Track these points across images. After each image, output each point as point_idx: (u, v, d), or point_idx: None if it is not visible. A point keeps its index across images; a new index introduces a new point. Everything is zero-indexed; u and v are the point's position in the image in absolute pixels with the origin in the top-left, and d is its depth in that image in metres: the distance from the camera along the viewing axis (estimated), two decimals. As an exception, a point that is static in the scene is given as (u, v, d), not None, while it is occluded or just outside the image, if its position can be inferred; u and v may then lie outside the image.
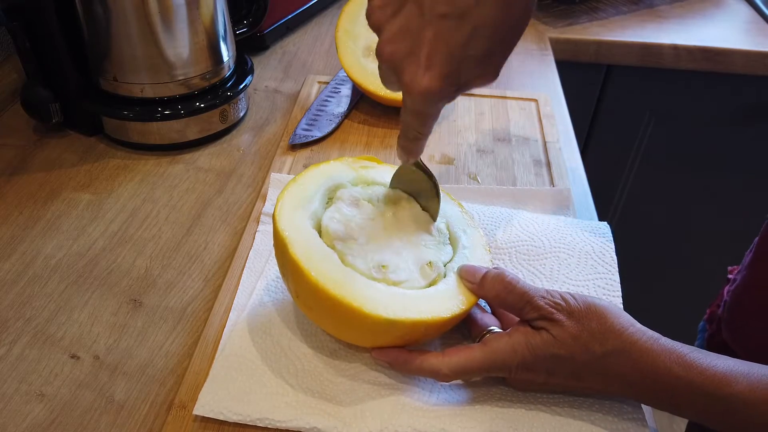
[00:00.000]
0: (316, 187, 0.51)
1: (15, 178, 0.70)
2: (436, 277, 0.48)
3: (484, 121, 0.81)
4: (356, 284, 0.45)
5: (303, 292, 0.46)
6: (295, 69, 0.92)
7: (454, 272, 0.49)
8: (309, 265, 0.44)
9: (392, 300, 0.45)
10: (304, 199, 0.50)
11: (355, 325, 0.45)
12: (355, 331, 0.47)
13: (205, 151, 0.75)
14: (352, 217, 0.50)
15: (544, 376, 0.45)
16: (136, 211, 0.66)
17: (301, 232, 0.47)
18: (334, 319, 0.46)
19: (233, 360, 0.49)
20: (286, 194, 0.50)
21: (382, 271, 0.47)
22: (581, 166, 0.74)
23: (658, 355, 0.42)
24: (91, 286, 0.58)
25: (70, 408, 0.48)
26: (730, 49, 1.04)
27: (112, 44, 0.69)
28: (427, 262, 0.49)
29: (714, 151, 1.19)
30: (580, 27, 1.08)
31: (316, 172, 0.53)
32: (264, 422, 0.45)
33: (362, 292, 0.44)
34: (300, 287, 0.46)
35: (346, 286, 0.44)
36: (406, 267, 0.48)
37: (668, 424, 1.53)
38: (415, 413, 0.46)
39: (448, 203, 0.55)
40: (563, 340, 0.43)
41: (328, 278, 0.44)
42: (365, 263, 0.47)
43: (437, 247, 0.51)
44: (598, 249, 0.57)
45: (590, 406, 0.47)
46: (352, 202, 0.51)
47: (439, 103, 0.45)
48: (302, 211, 0.49)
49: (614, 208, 1.29)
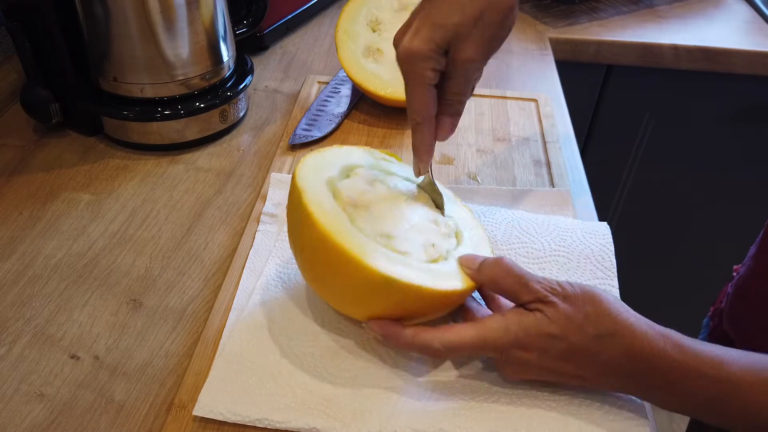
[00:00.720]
0: (336, 160, 0.53)
1: (15, 178, 0.70)
2: (437, 257, 0.49)
3: (484, 121, 0.81)
4: (361, 240, 0.46)
5: (309, 243, 0.47)
6: (295, 69, 0.92)
7: (455, 259, 0.49)
8: (319, 215, 0.46)
9: (392, 261, 0.45)
10: (323, 166, 0.51)
11: (353, 282, 0.45)
12: (352, 291, 0.47)
13: (205, 151, 0.75)
14: (367, 191, 0.51)
15: (536, 355, 0.44)
16: (135, 211, 0.66)
17: (316, 190, 0.48)
18: (333, 273, 0.46)
19: (233, 360, 0.49)
20: (307, 159, 0.51)
21: (387, 240, 0.48)
22: (581, 166, 0.74)
23: (653, 339, 0.42)
24: (91, 286, 0.58)
25: (70, 408, 0.48)
26: (730, 49, 1.04)
27: (112, 44, 0.69)
28: (431, 244, 0.49)
29: (714, 151, 1.19)
30: (580, 27, 1.08)
31: (338, 150, 0.55)
32: (263, 423, 0.45)
33: (366, 247, 0.45)
34: (306, 238, 0.47)
35: (351, 239, 0.45)
36: (411, 242, 0.49)
37: (668, 424, 1.53)
38: (414, 414, 0.46)
39: (458, 207, 0.56)
40: (557, 320, 0.43)
41: (336, 230, 0.45)
42: (372, 230, 0.48)
43: (442, 236, 0.52)
44: (598, 252, 0.57)
45: (590, 406, 0.47)
46: (368, 181, 0.53)
47: (420, 63, 0.50)
48: (321, 174, 0.50)
49: (614, 208, 1.29)
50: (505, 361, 0.46)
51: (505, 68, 0.94)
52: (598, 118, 1.16)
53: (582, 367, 0.44)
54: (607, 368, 0.44)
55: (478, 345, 0.45)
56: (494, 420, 0.46)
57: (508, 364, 0.46)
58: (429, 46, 0.49)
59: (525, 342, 0.44)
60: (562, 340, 0.43)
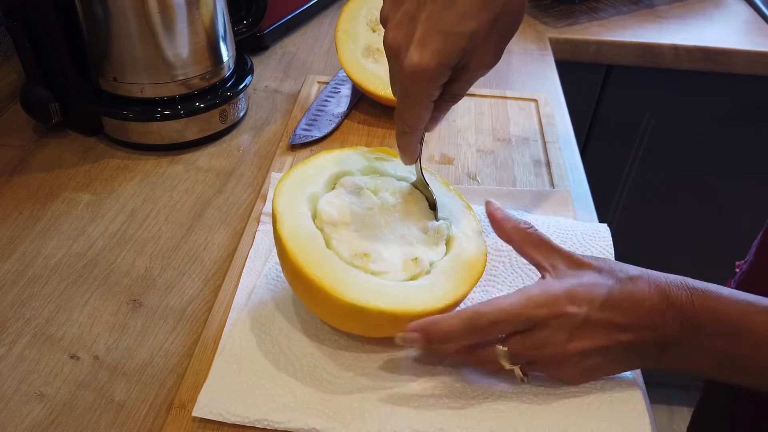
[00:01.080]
0: (322, 171, 0.53)
1: (15, 178, 0.70)
2: (418, 273, 0.48)
3: (483, 121, 0.81)
4: (333, 267, 0.46)
5: (287, 268, 0.48)
6: (295, 69, 0.92)
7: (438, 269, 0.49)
8: (291, 242, 0.46)
9: (364, 287, 0.45)
10: (305, 180, 0.51)
11: (328, 307, 0.46)
12: (329, 313, 0.48)
13: (204, 151, 0.75)
14: (350, 204, 0.51)
15: (586, 309, 0.43)
16: (135, 211, 0.66)
17: (293, 210, 0.48)
18: (309, 298, 0.48)
19: (232, 360, 0.49)
20: (291, 173, 0.51)
21: (363, 259, 0.48)
22: (581, 166, 0.74)
23: (673, 279, 0.45)
24: (91, 287, 0.58)
25: (69, 408, 0.48)
26: (730, 49, 1.04)
27: (112, 44, 0.69)
28: (412, 258, 0.49)
29: (714, 151, 1.19)
30: (580, 27, 1.08)
31: (327, 158, 0.54)
32: (263, 423, 0.45)
33: (337, 275, 0.45)
34: (284, 263, 0.48)
35: (322, 268, 0.45)
36: (390, 259, 0.48)
37: (668, 424, 1.53)
38: (414, 414, 0.46)
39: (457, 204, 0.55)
40: (590, 273, 0.45)
41: (307, 258, 0.46)
42: (349, 249, 0.48)
43: (429, 246, 0.51)
44: (598, 254, 0.57)
45: (590, 404, 0.47)
46: (353, 190, 0.52)
47: (428, 83, 0.45)
48: (301, 191, 0.50)
49: (614, 208, 1.29)
50: (559, 327, 0.43)
51: (505, 68, 0.94)
52: (598, 118, 1.16)
53: (625, 314, 0.43)
54: (645, 310, 0.43)
55: (523, 303, 0.43)
56: (494, 420, 0.46)
57: (564, 333, 0.43)
58: (441, 60, 0.43)
59: (572, 294, 0.43)
60: (603, 285, 0.44)
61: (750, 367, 0.43)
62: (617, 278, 0.44)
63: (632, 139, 1.19)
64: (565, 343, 0.43)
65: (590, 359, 0.44)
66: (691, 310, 0.42)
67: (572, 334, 0.43)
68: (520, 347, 0.44)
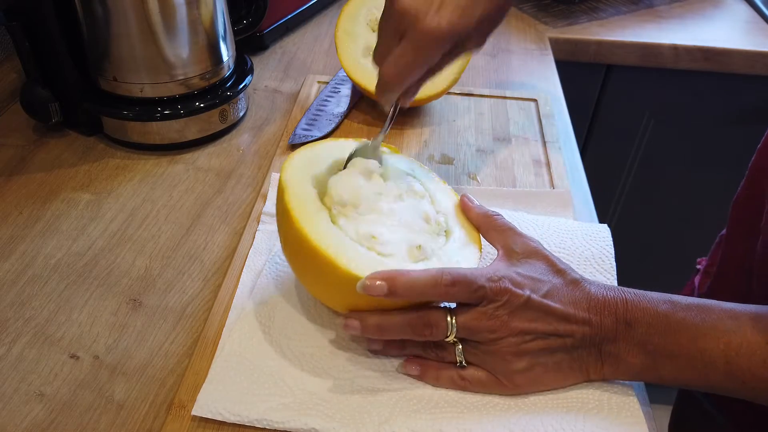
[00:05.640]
0: (327, 155, 0.54)
1: (14, 177, 0.70)
2: (422, 260, 0.49)
3: (483, 121, 0.81)
4: (338, 240, 0.46)
5: (290, 239, 0.48)
6: (295, 69, 0.92)
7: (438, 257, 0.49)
8: (299, 213, 0.46)
9: (368, 261, 0.45)
10: (313, 161, 0.52)
11: (330, 280, 0.46)
12: (329, 288, 0.48)
13: (204, 151, 0.75)
14: (360, 186, 0.51)
15: (529, 291, 0.46)
16: (135, 211, 0.66)
17: (300, 187, 0.49)
18: (311, 270, 0.48)
19: (232, 360, 0.49)
20: (299, 152, 0.52)
21: (371, 241, 0.48)
22: (581, 166, 0.74)
23: (609, 286, 0.48)
24: (91, 286, 0.58)
25: (69, 408, 0.48)
26: (730, 49, 1.04)
27: (112, 44, 0.69)
28: (417, 245, 0.49)
29: (714, 151, 1.19)
30: (580, 27, 1.08)
31: (332, 143, 0.55)
32: (262, 423, 0.45)
33: (342, 248, 0.45)
34: (287, 234, 0.48)
35: (328, 239, 0.46)
36: (396, 244, 0.49)
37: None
38: (413, 414, 0.46)
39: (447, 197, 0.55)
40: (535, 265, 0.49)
41: (313, 228, 0.46)
42: (355, 230, 0.48)
43: (431, 236, 0.51)
44: (598, 254, 0.57)
45: (587, 404, 0.47)
46: (364, 173, 0.53)
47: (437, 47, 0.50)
48: (307, 171, 0.51)
49: (614, 208, 1.29)
50: (503, 305, 0.45)
51: (505, 68, 0.94)
52: (598, 118, 1.16)
53: (564, 306, 0.46)
54: (582, 306, 0.46)
55: (477, 274, 0.45)
56: (494, 420, 0.46)
57: (506, 309, 0.45)
58: (454, 30, 0.49)
59: (517, 278, 0.46)
60: (548, 281, 0.47)
61: (683, 359, 0.44)
62: (564, 278, 0.48)
63: (632, 138, 1.19)
64: (507, 320, 0.45)
65: (530, 343, 0.46)
66: (624, 308, 0.46)
67: (513, 313, 0.46)
68: (467, 317, 0.46)
